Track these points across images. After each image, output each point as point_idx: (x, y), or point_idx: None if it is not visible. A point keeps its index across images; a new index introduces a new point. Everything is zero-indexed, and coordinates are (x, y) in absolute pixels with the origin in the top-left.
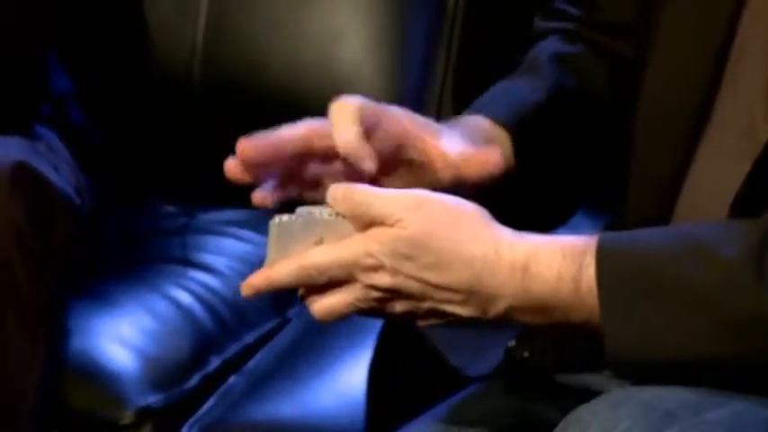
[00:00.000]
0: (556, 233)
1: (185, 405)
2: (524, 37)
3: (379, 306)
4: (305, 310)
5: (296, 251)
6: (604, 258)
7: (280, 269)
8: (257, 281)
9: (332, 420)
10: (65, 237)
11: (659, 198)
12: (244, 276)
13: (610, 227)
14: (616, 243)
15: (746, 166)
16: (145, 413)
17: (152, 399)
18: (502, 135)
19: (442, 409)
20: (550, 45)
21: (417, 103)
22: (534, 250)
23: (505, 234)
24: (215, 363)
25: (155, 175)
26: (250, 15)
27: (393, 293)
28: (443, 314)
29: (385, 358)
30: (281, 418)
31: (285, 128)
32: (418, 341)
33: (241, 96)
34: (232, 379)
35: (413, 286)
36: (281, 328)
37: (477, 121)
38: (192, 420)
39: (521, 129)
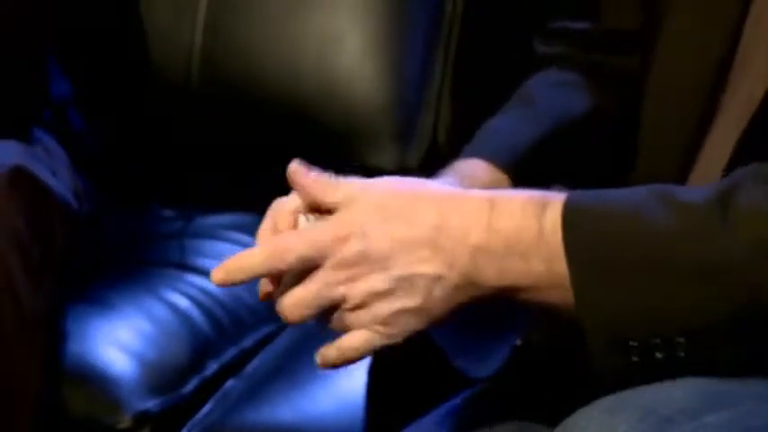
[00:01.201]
0: None
1: (183, 409)
2: (522, 40)
3: (346, 293)
4: None
5: None
6: (569, 217)
7: (251, 253)
8: (230, 265)
9: (330, 424)
10: (63, 241)
11: None
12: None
13: None
14: (581, 200)
15: None
16: (143, 418)
17: (150, 403)
18: (499, 177)
19: (441, 413)
20: (544, 77)
21: (416, 106)
22: (498, 192)
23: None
24: (213, 367)
25: (153, 179)
26: (248, 19)
27: (362, 263)
28: (412, 279)
29: (384, 360)
30: (280, 422)
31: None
32: (420, 342)
33: (239, 100)
34: (230, 383)
35: (382, 246)
36: (279, 333)
37: (474, 169)
38: (189, 425)
39: (518, 169)
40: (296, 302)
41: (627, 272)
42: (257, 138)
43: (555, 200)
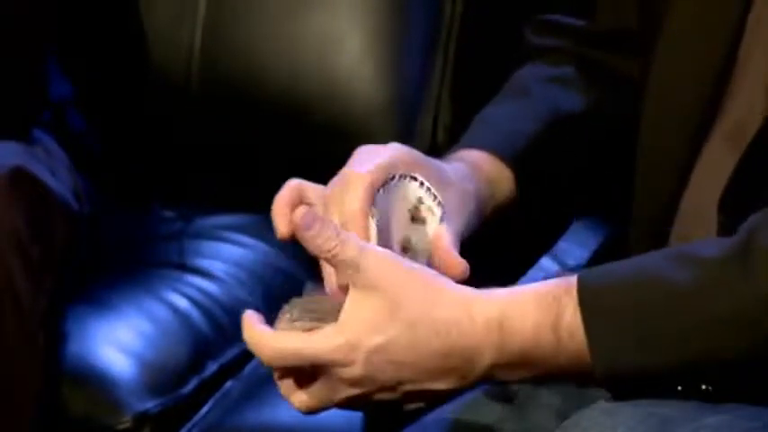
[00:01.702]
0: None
1: (183, 410)
2: (522, 41)
3: (356, 395)
4: None
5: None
6: (582, 285)
7: (260, 342)
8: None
9: (328, 425)
10: (63, 241)
11: (662, 200)
12: (241, 281)
13: (611, 237)
14: (592, 273)
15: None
16: (142, 418)
17: (149, 404)
18: (502, 168)
19: (439, 414)
20: (538, 69)
21: (416, 106)
22: (506, 305)
23: (474, 294)
24: (212, 368)
25: (152, 180)
26: (247, 19)
27: (369, 384)
28: (423, 393)
29: None
30: (279, 422)
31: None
32: None
33: (239, 101)
34: (229, 384)
35: (388, 376)
36: None
37: (478, 161)
38: (189, 425)
39: (521, 160)
40: (302, 406)
41: (647, 334)
42: (257, 138)
43: (566, 298)
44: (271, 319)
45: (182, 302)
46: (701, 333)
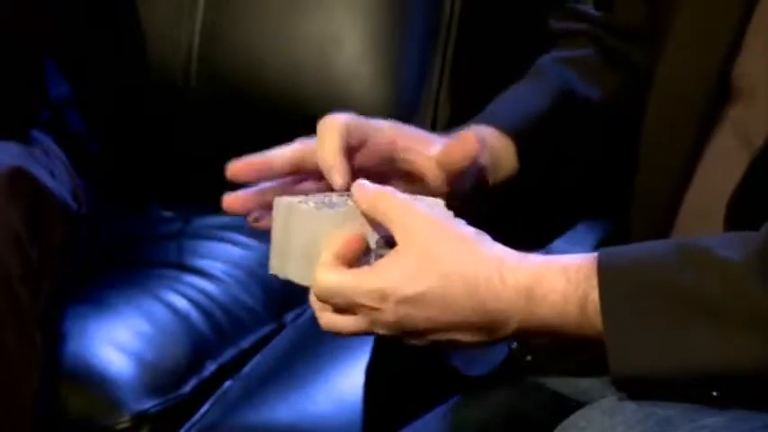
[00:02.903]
0: (555, 243)
1: (181, 410)
2: (519, 41)
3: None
4: (301, 316)
5: (303, 239)
6: (605, 278)
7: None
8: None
9: (328, 425)
10: (61, 242)
11: (665, 199)
12: (240, 281)
13: (611, 234)
14: (615, 261)
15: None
16: (141, 418)
17: (148, 404)
18: (506, 143)
19: (438, 413)
20: (557, 53)
21: (414, 107)
22: (538, 273)
23: (507, 256)
24: (211, 368)
25: (151, 180)
26: (246, 20)
27: (398, 329)
28: (451, 342)
29: (382, 360)
30: (277, 423)
31: (277, 148)
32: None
33: (238, 101)
34: (228, 384)
35: (416, 319)
36: (276, 333)
37: (480, 131)
38: (188, 425)
39: (524, 135)
40: (335, 329)
41: (665, 338)
42: (255, 138)
43: (594, 278)
44: None
45: (180, 302)
46: (720, 341)
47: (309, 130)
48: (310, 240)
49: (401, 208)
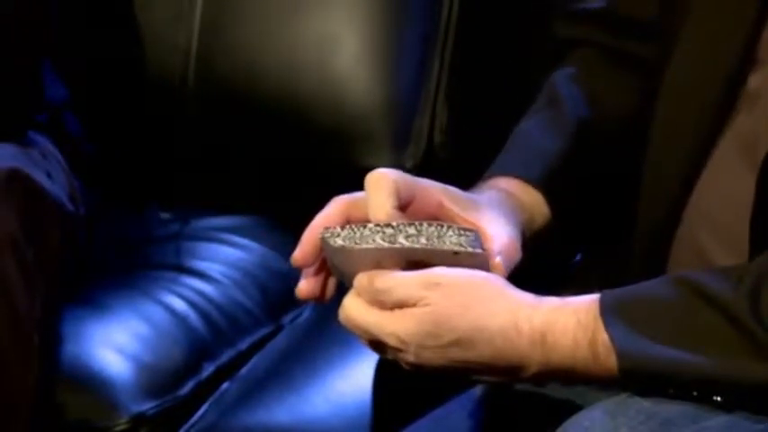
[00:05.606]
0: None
1: (179, 411)
2: (518, 43)
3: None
4: (298, 317)
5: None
6: (609, 312)
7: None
8: None
9: (325, 426)
10: (58, 243)
11: (667, 205)
12: (237, 283)
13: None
14: (618, 296)
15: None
16: (139, 420)
17: (146, 405)
18: (536, 196)
19: (440, 413)
20: (567, 71)
21: (412, 107)
22: (550, 319)
23: (522, 302)
24: (209, 369)
25: (149, 181)
26: (244, 20)
27: (420, 366)
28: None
29: (384, 363)
30: (275, 424)
31: (320, 216)
32: None
33: (236, 102)
34: (226, 385)
35: (438, 361)
36: (274, 335)
37: (508, 186)
38: (185, 427)
39: (552, 185)
40: (350, 321)
41: (669, 363)
42: (253, 139)
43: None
44: None
45: (178, 304)
46: (713, 373)
47: (306, 130)
48: (342, 273)
49: (398, 280)
